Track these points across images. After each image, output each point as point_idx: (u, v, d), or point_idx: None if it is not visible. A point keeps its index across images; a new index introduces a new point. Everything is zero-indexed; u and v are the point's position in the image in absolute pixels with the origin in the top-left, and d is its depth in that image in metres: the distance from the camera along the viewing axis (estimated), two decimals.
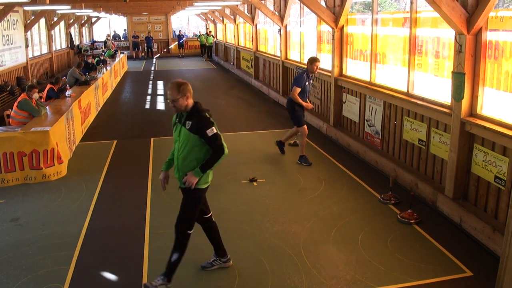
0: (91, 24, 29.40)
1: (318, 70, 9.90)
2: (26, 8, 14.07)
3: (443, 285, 3.99)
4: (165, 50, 29.92)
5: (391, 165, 6.54)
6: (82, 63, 12.68)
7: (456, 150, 5.12)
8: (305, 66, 10.90)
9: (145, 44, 28.12)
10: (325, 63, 9.67)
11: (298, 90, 7.12)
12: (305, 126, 7.34)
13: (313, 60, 7.17)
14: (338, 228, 5.03)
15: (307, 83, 7.21)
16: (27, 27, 15.15)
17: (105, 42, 25.81)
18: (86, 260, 4.45)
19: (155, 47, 28.97)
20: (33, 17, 15.55)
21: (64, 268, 4.28)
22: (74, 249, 4.65)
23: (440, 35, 5.70)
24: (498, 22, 4.67)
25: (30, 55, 15.44)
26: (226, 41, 22.82)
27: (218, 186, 6.33)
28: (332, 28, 8.51)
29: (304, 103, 7.22)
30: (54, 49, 19.11)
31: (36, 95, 7.71)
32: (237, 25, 19.23)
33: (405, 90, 6.44)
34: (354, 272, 4.16)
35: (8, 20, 13.39)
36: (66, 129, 7.73)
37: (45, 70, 17.71)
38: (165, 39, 29.99)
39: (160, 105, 12.98)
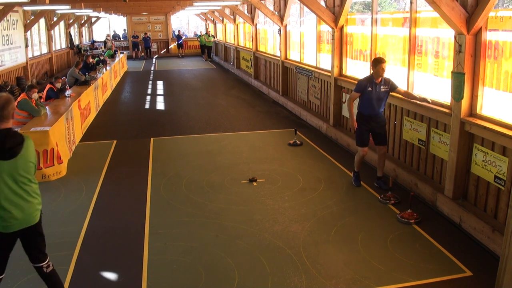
0: (91, 24, 29.41)
1: (318, 70, 10.01)
2: (26, 8, 14.07)
3: (443, 285, 3.99)
4: (165, 50, 29.91)
5: (391, 165, 6.54)
6: (81, 63, 12.68)
7: (455, 150, 5.12)
8: (305, 66, 11.02)
9: (143, 45, 28.09)
10: (325, 63, 9.68)
11: (355, 95, 6.02)
12: (365, 149, 6.11)
13: (376, 62, 5.81)
14: (338, 228, 5.03)
15: (370, 89, 5.84)
16: (27, 27, 15.15)
17: (104, 42, 25.81)
18: (86, 260, 4.45)
19: (154, 47, 28.97)
20: (32, 17, 15.55)
21: (64, 268, 4.28)
22: (74, 249, 4.64)
23: (440, 35, 5.70)
24: (498, 22, 4.68)
25: (29, 55, 15.46)
26: (226, 41, 22.82)
27: (218, 186, 6.34)
28: (332, 28, 8.51)
29: (352, 115, 6.13)
30: (53, 49, 19.11)
31: (35, 95, 7.70)
32: (237, 25, 19.23)
33: (405, 90, 6.43)
34: (354, 272, 4.16)
35: (8, 20, 13.39)
36: (66, 129, 7.72)
37: (44, 70, 17.72)
38: (164, 39, 29.98)
39: (160, 105, 12.98)
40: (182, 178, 6.68)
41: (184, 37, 29.74)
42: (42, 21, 17.40)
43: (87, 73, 12.30)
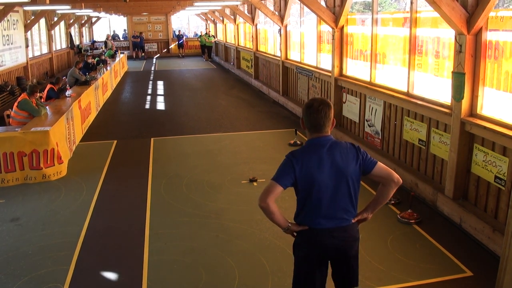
0: (91, 24, 29.38)
1: (318, 70, 10.00)
2: (26, 8, 14.06)
3: (443, 285, 3.99)
4: (165, 50, 29.91)
5: (391, 165, 6.53)
6: (81, 62, 12.68)
7: (456, 150, 5.12)
8: (306, 66, 11.00)
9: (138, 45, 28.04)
10: (325, 63, 9.68)
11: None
12: None
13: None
14: None
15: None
16: (27, 27, 15.15)
17: (105, 43, 25.73)
18: (86, 260, 4.45)
19: (154, 47, 29.01)
20: (33, 17, 15.55)
21: (64, 268, 4.28)
22: (74, 249, 4.65)
23: (440, 35, 5.69)
24: (498, 22, 4.67)
25: (30, 55, 15.44)
26: (226, 41, 22.82)
27: (218, 186, 6.34)
28: (332, 28, 8.51)
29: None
30: (54, 49, 19.10)
31: (36, 95, 7.72)
32: (237, 25, 19.23)
33: (405, 90, 6.43)
34: None
35: (8, 20, 13.38)
36: (66, 129, 7.73)
37: (45, 70, 17.71)
38: (165, 39, 29.97)
39: (160, 105, 12.98)
40: (182, 178, 6.68)
41: (184, 37, 29.69)
42: (42, 21, 17.38)
43: (87, 73, 12.30)
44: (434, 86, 5.90)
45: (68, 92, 9.35)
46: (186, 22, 36.18)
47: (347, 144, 2.81)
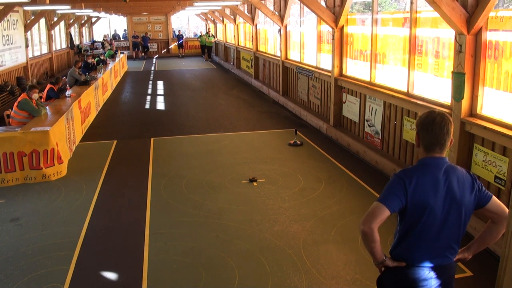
0: (91, 24, 29.39)
1: (318, 70, 10.01)
2: (26, 8, 14.07)
3: None
4: (165, 50, 29.91)
5: (391, 165, 6.54)
6: (80, 62, 12.68)
7: (456, 150, 5.12)
8: (306, 66, 11.00)
9: (143, 44, 28.06)
10: (325, 63, 9.68)
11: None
12: None
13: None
14: (338, 228, 5.03)
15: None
16: (27, 27, 15.15)
17: (102, 44, 25.60)
18: (86, 260, 4.45)
19: (154, 47, 29.01)
20: (33, 17, 15.55)
21: (64, 268, 4.28)
22: (74, 249, 4.65)
23: (440, 35, 5.70)
24: (498, 22, 4.68)
25: (30, 55, 15.44)
26: (226, 41, 22.83)
27: (218, 186, 6.34)
28: (332, 28, 8.51)
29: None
30: (54, 49, 19.11)
31: (36, 95, 7.71)
32: (237, 25, 19.24)
33: (405, 90, 6.44)
34: (354, 272, 4.16)
35: (8, 20, 13.39)
36: (66, 129, 7.73)
37: (45, 70, 17.71)
38: (165, 39, 29.98)
39: (160, 105, 12.98)
40: (182, 178, 6.69)
41: (184, 38, 29.68)
42: (42, 21, 17.38)
43: (87, 73, 12.30)
44: (434, 86, 5.90)
45: (68, 92, 9.35)
46: (186, 22, 36.19)
47: (462, 170, 2.43)
